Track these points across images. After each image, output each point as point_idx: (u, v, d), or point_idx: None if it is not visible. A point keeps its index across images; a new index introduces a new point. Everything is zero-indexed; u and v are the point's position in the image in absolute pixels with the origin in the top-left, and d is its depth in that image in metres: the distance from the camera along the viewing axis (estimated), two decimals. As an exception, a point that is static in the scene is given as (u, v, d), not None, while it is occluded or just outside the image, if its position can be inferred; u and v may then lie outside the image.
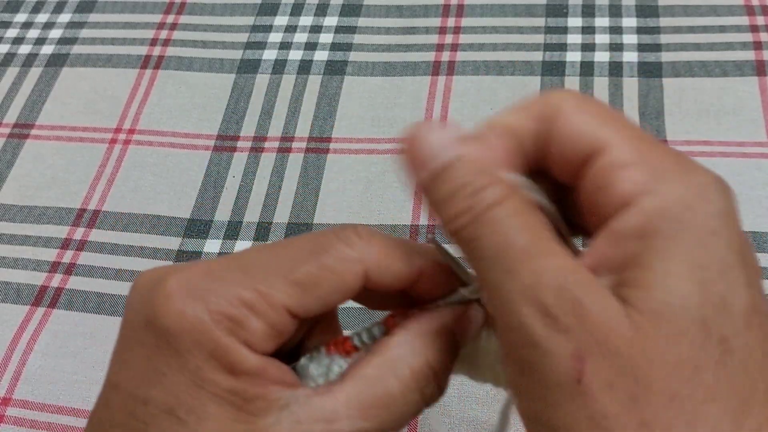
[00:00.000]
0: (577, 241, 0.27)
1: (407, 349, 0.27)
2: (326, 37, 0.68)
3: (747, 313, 0.22)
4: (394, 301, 0.31)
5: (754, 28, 0.64)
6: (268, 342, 0.26)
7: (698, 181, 0.23)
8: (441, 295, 0.29)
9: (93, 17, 0.73)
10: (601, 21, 0.66)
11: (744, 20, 0.64)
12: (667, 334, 0.22)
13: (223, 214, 0.58)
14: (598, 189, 0.24)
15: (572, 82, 0.62)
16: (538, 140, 0.26)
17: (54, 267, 0.57)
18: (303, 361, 0.30)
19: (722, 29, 0.64)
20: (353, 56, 0.67)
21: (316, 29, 0.69)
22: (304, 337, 0.31)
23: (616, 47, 0.64)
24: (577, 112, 0.25)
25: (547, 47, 0.65)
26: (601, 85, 0.62)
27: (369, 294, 0.29)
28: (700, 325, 0.22)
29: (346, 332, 0.31)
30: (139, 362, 0.26)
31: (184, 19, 0.72)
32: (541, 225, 0.24)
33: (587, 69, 0.63)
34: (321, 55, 0.67)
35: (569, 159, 0.25)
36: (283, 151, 0.61)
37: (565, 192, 0.27)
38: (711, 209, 0.23)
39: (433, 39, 0.67)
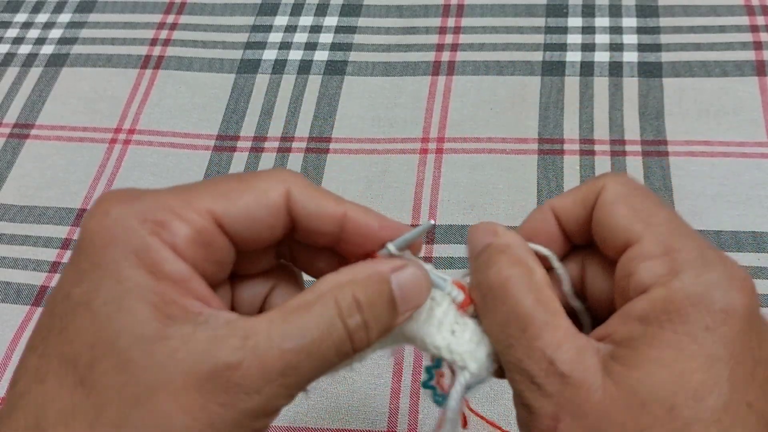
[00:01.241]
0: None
1: (335, 283, 0.27)
2: (326, 37, 0.68)
3: (720, 409, 0.24)
4: (325, 260, 0.31)
5: (754, 28, 0.64)
6: (195, 249, 0.26)
7: (708, 278, 0.26)
8: (370, 253, 0.30)
9: (93, 17, 0.73)
10: (601, 21, 0.66)
11: (744, 20, 0.64)
12: (634, 408, 0.25)
13: (223, 214, 0.58)
14: (624, 277, 0.27)
15: (572, 82, 0.62)
16: (582, 224, 0.30)
17: (54, 267, 0.57)
18: None
19: (722, 29, 0.64)
20: (353, 56, 0.67)
21: (316, 29, 0.69)
22: (266, 299, 0.32)
23: (616, 47, 0.64)
24: (616, 204, 0.28)
25: (547, 47, 0.65)
26: (601, 85, 0.62)
27: (301, 246, 0.31)
28: (668, 409, 0.24)
29: None
30: (69, 268, 0.27)
31: (184, 19, 0.72)
32: (541, 292, 0.28)
33: (587, 69, 0.63)
34: (321, 55, 0.67)
35: (610, 248, 0.29)
36: (283, 151, 0.61)
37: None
38: (713, 306, 0.25)
39: (433, 39, 0.67)
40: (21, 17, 0.74)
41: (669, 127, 0.59)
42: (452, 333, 0.29)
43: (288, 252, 0.32)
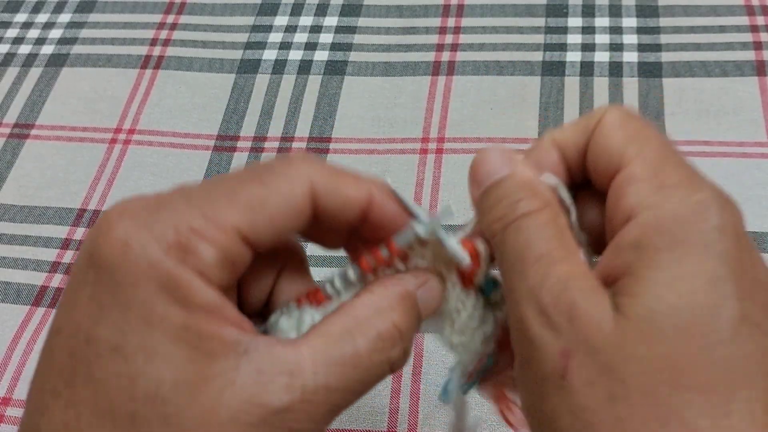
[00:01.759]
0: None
1: (374, 309, 0.26)
2: (326, 37, 0.68)
3: (734, 324, 0.23)
4: (348, 241, 0.30)
5: (754, 28, 0.64)
6: (223, 272, 0.24)
7: (698, 198, 0.25)
8: (394, 233, 0.28)
9: (93, 17, 0.73)
10: (601, 21, 0.66)
11: (744, 20, 0.64)
12: (648, 336, 0.23)
13: (223, 214, 0.58)
14: (612, 202, 0.26)
15: (572, 82, 0.62)
16: (583, 153, 0.28)
17: (54, 267, 0.57)
18: (273, 316, 0.28)
19: (722, 29, 0.64)
20: (353, 56, 0.67)
21: (316, 29, 0.69)
22: (272, 293, 0.29)
23: (616, 47, 0.64)
24: (613, 127, 0.27)
25: (547, 47, 0.65)
26: (601, 85, 0.62)
27: (322, 227, 0.28)
28: (683, 330, 0.23)
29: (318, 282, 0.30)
30: (82, 302, 0.24)
31: (184, 19, 0.72)
32: (563, 235, 0.26)
33: (587, 69, 0.63)
34: (321, 55, 0.67)
35: (601, 172, 0.27)
36: (283, 151, 0.61)
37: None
38: (706, 225, 0.24)
39: (433, 39, 0.67)
40: (21, 17, 0.74)
41: (669, 127, 0.59)
42: (451, 323, 0.29)
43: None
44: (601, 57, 0.63)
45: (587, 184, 0.29)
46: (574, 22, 0.66)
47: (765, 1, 0.65)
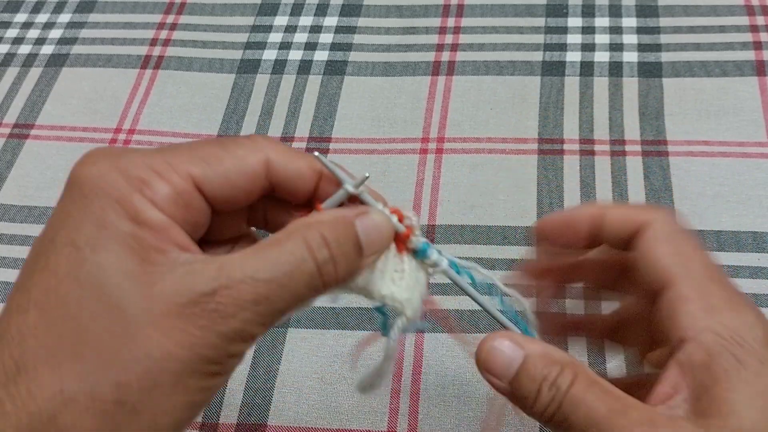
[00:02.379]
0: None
1: (304, 223, 0.29)
2: (326, 37, 0.68)
3: None
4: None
5: (754, 28, 0.64)
6: (175, 207, 0.28)
7: (746, 320, 0.29)
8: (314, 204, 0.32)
9: (93, 17, 0.73)
10: (601, 21, 0.66)
11: (744, 20, 0.64)
12: None
13: (223, 214, 0.58)
14: (665, 318, 0.30)
15: (572, 82, 0.62)
16: (616, 233, 0.33)
17: (54, 267, 0.57)
18: None
19: (722, 29, 0.64)
20: (353, 56, 0.67)
21: (316, 29, 0.69)
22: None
23: (616, 47, 0.64)
24: (661, 241, 0.32)
25: (547, 47, 0.65)
26: (601, 85, 0.62)
27: (273, 205, 0.33)
28: None
29: None
30: (56, 213, 0.29)
31: (184, 19, 0.72)
32: (609, 387, 0.29)
33: (587, 69, 0.63)
34: (321, 55, 0.67)
35: (648, 278, 0.31)
36: (283, 151, 0.61)
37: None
38: (757, 344, 0.28)
39: (433, 39, 0.67)
40: (21, 17, 0.74)
41: (669, 127, 0.59)
42: (393, 281, 0.32)
43: (261, 213, 0.34)
44: (601, 57, 0.63)
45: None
46: (574, 22, 0.66)
47: (765, 1, 0.65)
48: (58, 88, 0.68)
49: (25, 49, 0.71)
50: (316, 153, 0.32)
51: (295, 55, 0.67)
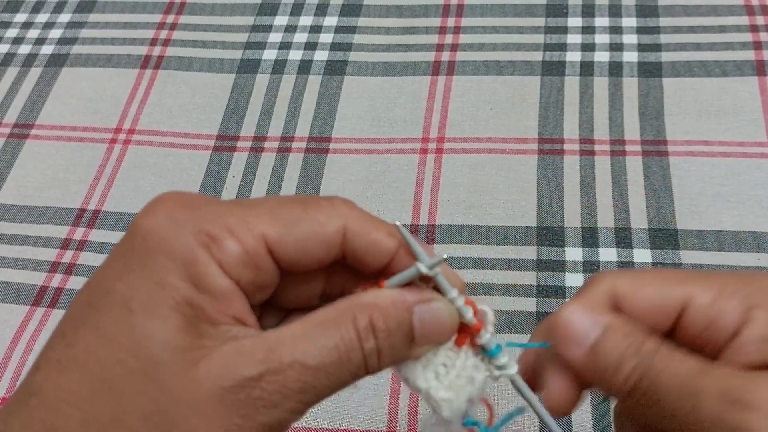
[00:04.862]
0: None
1: (356, 303, 0.27)
2: (326, 37, 0.68)
3: None
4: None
5: (754, 28, 0.64)
6: (243, 269, 0.27)
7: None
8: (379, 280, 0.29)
9: (93, 17, 0.73)
10: (601, 21, 0.66)
11: (744, 20, 0.64)
12: None
13: (223, 214, 0.58)
14: (703, 330, 0.28)
15: (572, 82, 0.62)
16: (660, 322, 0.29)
17: (54, 267, 0.57)
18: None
19: (722, 29, 0.64)
20: (353, 56, 0.67)
21: (316, 29, 0.69)
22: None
23: (616, 47, 0.64)
24: (641, 288, 0.29)
25: (547, 47, 0.65)
26: (601, 85, 0.62)
27: (341, 270, 0.30)
28: None
29: None
30: (114, 262, 0.27)
31: (184, 19, 0.72)
32: (687, 354, 0.27)
33: (587, 69, 0.63)
34: (321, 55, 0.67)
35: (658, 324, 0.28)
36: (283, 151, 0.61)
37: None
38: None
39: (433, 39, 0.67)
40: (21, 17, 0.74)
41: (669, 127, 0.59)
42: (436, 376, 0.29)
43: (327, 276, 0.31)
44: (601, 57, 0.63)
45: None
46: (574, 22, 0.66)
47: (765, 1, 0.65)
48: (58, 88, 0.68)
49: (25, 49, 0.71)
50: (398, 223, 0.29)
51: (295, 55, 0.67)
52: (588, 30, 0.65)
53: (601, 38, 0.65)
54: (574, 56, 0.64)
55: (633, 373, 0.27)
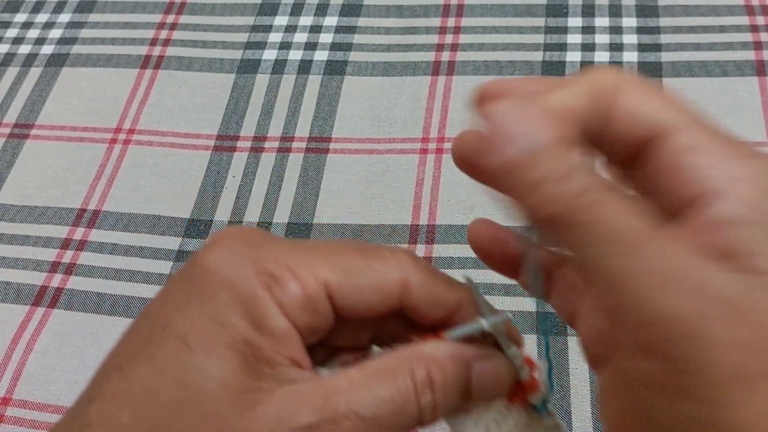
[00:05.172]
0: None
1: (417, 354, 0.27)
2: (326, 37, 0.68)
3: None
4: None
5: (754, 28, 0.64)
6: (302, 312, 0.26)
7: None
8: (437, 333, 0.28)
9: (93, 17, 0.73)
10: (601, 21, 0.66)
11: (744, 20, 0.64)
12: None
13: (223, 214, 0.58)
14: (667, 173, 0.23)
15: (572, 82, 0.62)
16: (594, 120, 0.24)
17: (54, 267, 0.57)
18: (321, 370, 0.29)
19: (722, 29, 0.64)
20: (353, 56, 0.67)
21: (316, 29, 0.69)
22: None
23: (616, 47, 0.64)
24: (638, 92, 0.24)
25: (547, 47, 0.65)
26: (601, 85, 0.62)
27: (403, 324, 0.29)
28: None
29: None
30: (174, 294, 0.26)
31: (184, 19, 0.72)
32: (635, 207, 0.22)
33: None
34: (321, 55, 0.67)
35: (629, 141, 0.24)
36: (283, 151, 0.61)
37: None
38: None
39: (433, 39, 0.67)
40: (21, 17, 0.74)
41: (669, 127, 0.59)
42: (486, 430, 0.28)
43: (381, 321, 0.31)
44: (601, 57, 0.63)
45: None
46: (574, 22, 0.66)
47: (765, 1, 0.65)
48: (58, 88, 0.68)
49: (25, 49, 0.71)
50: (468, 277, 0.28)
51: (295, 55, 0.67)
52: (588, 30, 0.65)
53: (601, 38, 0.65)
54: (574, 56, 0.64)
55: (569, 198, 0.22)
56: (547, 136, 0.22)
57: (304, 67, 0.66)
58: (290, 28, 0.69)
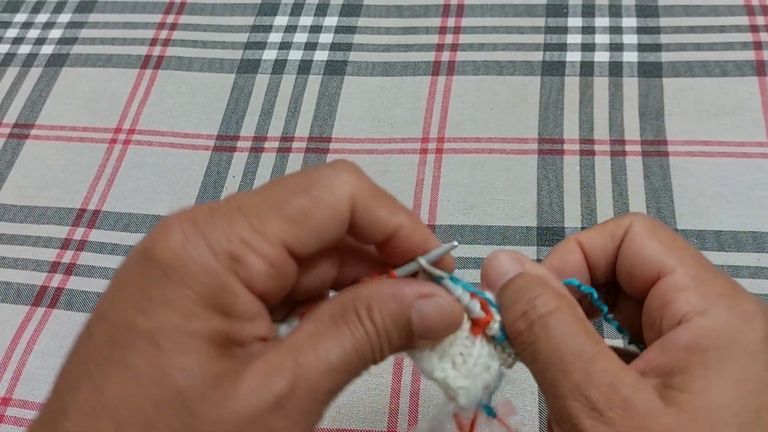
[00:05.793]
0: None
1: (355, 294, 0.27)
2: (326, 37, 0.68)
3: None
4: (368, 265, 0.31)
5: (754, 28, 0.64)
6: (270, 282, 0.26)
7: (744, 308, 0.28)
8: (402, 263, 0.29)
9: (93, 17, 0.73)
10: (601, 21, 0.66)
11: (744, 20, 0.64)
12: (705, 428, 0.25)
13: (223, 214, 0.58)
14: (659, 306, 0.29)
15: (572, 82, 0.62)
16: (609, 257, 0.31)
17: (54, 267, 0.57)
18: (281, 329, 0.29)
19: (722, 29, 0.64)
20: (353, 56, 0.67)
21: (316, 29, 0.69)
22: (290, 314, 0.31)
23: (616, 47, 0.64)
24: (647, 237, 0.30)
25: (547, 47, 0.65)
26: (601, 85, 0.62)
27: (348, 248, 0.30)
28: (733, 426, 0.25)
29: None
30: (131, 293, 0.25)
31: (184, 19, 0.72)
32: (588, 328, 0.28)
33: (587, 69, 0.63)
34: (321, 55, 0.67)
35: (638, 279, 0.30)
36: (283, 151, 0.61)
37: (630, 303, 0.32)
38: (753, 334, 0.27)
39: (433, 39, 0.67)
40: (21, 17, 0.74)
41: (669, 127, 0.59)
42: (453, 365, 0.29)
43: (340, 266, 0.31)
44: (601, 57, 0.63)
45: (611, 284, 0.32)
46: (574, 22, 0.66)
47: (765, 1, 0.65)
48: (58, 88, 0.68)
49: (25, 49, 0.71)
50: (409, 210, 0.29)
51: (295, 55, 0.67)
52: (588, 30, 0.65)
53: (601, 38, 0.65)
54: (574, 56, 0.64)
55: (520, 319, 0.28)
56: (516, 272, 0.30)
57: (304, 67, 0.66)
58: (290, 28, 0.69)
